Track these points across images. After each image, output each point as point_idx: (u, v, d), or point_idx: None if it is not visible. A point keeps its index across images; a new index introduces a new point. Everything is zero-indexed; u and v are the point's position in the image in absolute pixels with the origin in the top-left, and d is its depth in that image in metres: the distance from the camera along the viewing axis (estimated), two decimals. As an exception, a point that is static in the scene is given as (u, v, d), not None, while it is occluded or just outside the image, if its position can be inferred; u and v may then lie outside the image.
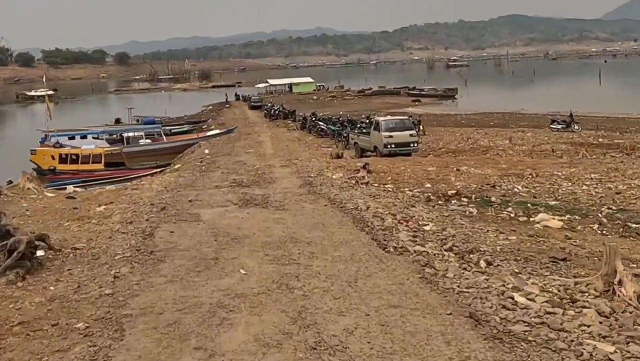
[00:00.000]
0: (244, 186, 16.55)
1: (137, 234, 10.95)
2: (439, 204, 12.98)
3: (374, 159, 23.19)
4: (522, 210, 12.18)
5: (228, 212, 12.85)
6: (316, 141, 36.21)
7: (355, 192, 13.97)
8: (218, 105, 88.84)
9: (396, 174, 18.06)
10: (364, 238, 9.82)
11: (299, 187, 15.88)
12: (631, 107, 59.22)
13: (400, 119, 29.20)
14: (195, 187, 16.88)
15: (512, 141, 30.35)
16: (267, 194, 14.94)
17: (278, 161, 23.19)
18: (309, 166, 19.98)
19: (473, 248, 8.70)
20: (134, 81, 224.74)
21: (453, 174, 17.86)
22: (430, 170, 18.76)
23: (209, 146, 36.30)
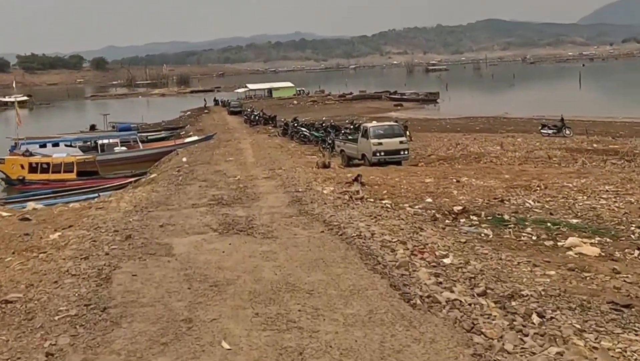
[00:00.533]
0: (224, 205, 14.78)
1: (91, 278, 8.77)
2: (448, 224, 11.48)
3: (365, 170, 21.66)
4: (544, 231, 10.78)
5: (206, 242, 10.86)
6: (299, 148, 34.73)
7: (353, 212, 12.37)
8: (197, 110, 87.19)
9: (391, 186, 16.56)
10: (379, 282, 7.84)
11: (287, 205, 14.19)
12: (615, 111, 58.74)
13: (389, 125, 27.68)
14: (169, 205, 15.10)
15: (503, 147, 29.12)
16: (251, 215, 13.19)
17: (260, 171, 21.67)
18: (295, 178, 18.38)
19: (513, 292, 7.11)
20: (111, 87, 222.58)
21: (454, 187, 16.41)
22: (428, 182, 17.31)
23: (186, 153, 34.70)
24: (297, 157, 28.27)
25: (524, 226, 11.21)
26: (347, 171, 21.22)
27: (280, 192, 16.17)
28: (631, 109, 60.59)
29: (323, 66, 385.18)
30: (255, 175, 20.13)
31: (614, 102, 74.33)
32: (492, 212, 12.70)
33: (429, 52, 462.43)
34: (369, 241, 9.72)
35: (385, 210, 12.47)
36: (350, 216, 11.94)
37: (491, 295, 7.14)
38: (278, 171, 20.66)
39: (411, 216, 12.06)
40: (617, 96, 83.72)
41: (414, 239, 9.52)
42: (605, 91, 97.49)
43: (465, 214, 12.27)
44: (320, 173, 19.63)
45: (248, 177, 19.67)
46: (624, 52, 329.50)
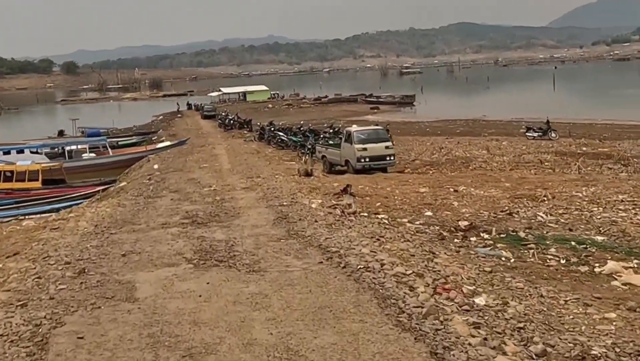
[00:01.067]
0: (199, 224, 12.86)
1: (21, 343, 6.44)
2: (459, 245, 10.18)
3: (351, 178, 20.25)
4: (571, 252, 9.50)
5: (178, 279, 8.76)
6: (277, 153, 33.22)
7: (350, 232, 10.75)
8: (169, 115, 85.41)
9: (384, 198, 15.13)
10: (413, 346, 5.81)
11: (272, 224, 12.36)
12: (592, 113, 58.44)
13: (373, 130, 26.20)
14: (136, 225, 13.18)
15: (490, 151, 28.03)
16: (232, 239, 11.26)
17: (238, 180, 20.18)
18: (277, 188, 16.81)
19: (581, 352, 5.63)
20: (82, 91, 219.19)
21: (453, 197, 15.05)
22: (424, 192, 15.95)
23: (158, 160, 33.08)
24: (276, 164, 26.80)
25: (545, 245, 9.92)
26: (332, 180, 19.71)
27: (263, 206, 14.55)
28: (608, 110, 60.38)
29: (297, 70, 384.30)
30: (233, 185, 18.60)
31: (589, 104, 74.55)
32: (503, 228, 11.40)
33: (402, 55, 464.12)
34: (380, 276, 7.94)
35: (384, 228, 11.01)
36: (348, 238, 10.35)
37: (554, 356, 5.62)
38: (257, 180, 19.14)
39: (414, 234, 10.66)
40: (591, 98, 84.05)
41: (431, 269, 7.98)
42: (579, 93, 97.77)
43: (474, 231, 10.98)
44: (304, 182, 18.09)
45: (225, 187, 18.10)
46: (594, 54, 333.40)
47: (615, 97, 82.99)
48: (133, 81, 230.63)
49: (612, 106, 67.96)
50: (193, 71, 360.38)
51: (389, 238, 9.81)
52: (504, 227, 11.49)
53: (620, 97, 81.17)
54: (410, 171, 24.13)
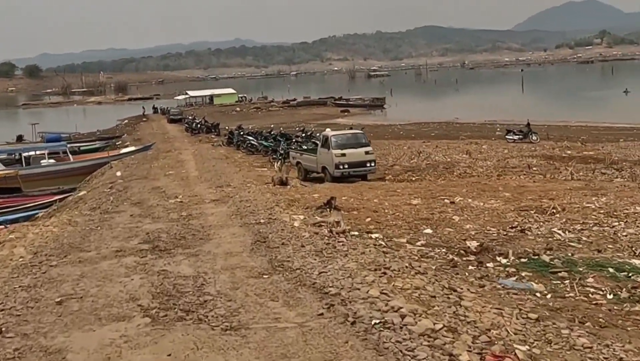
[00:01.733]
0: (162, 251, 10.66)
1: None
2: (477, 274, 8.53)
3: (332, 187, 18.57)
4: (615, 284, 7.95)
5: (128, 345, 6.47)
6: (246, 159, 31.47)
7: (348, 262, 8.83)
8: (135, 119, 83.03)
9: (373, 212, 13.46)
10: None
11: (250, 250, 10.23)
12: (564, 115, 58.06)
13: (353, 134, 24.13)
14: (84, 251, 10.98)
15: (471, 155, 26.73)
16: (201, 274, 9.10)
17: (206, 189, 18.48)
18: (251, 201, 15.02)
19: None
20: (46, 95, 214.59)
21: (451, 210, 13.47)
22: (416, 204, 14.33)
23: (121, 166, 31.17)
24: (247, 170, 25.10)
25: (579, 274, 8.41)
26: (311, 190, 17.95)
27: (236, 224, 12.57)
28: (579, 112, 60.15)
29: (264, 73, 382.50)
30: (201, 195, 16.85)
31: (559, 106, 74.66)
32: (519, 249, 9.90)
33: (369, 58, 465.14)
34: (404, 336, 5.87)
35: (384, 253, 9.32)
36: (347, 271, 8.37)
37: None
38: (227, 190, 17.39)
39: (420, 259, 9.04)
40: (560, 100, 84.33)
41: (463, 319, 6.08)
42: (547, 95, 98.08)
43: (488, 255, 9.48)
44: (280, 193, 16.29)
45: (192, 198, 16.32)
46: (559, 57, 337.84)
47: (583, 99, 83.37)
48: (98, 85, 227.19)
49: (581, 108, 68.01)
50: (159, 74, 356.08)
51: (397, 271, 8.01)
52: (519, 248, 9.95)
53: (588, 99, 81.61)
54: (392, 178, 22.48)
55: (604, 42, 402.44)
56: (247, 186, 18.19)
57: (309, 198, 15.33)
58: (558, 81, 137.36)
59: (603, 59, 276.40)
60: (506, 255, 9.44)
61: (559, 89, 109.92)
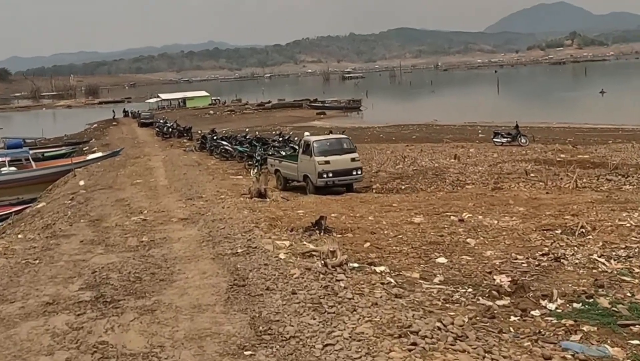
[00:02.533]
0: (106, 304, 8.21)
1: None
2: (525, 331, 6.72)
3: (320, 202, 16.67)
4: None
5: None
6: (220, 165, 29.57)
7: (360, 322, 6.67)
8: (104, 123, 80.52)
9: (371, 233, 11.55)
10: None
11: (225, 300, 7.94)
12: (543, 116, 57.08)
13: (337, 139, 22.02)
14: (5, 303, 8.57)
15: (460, 160, 25.17)
16: (154, 350, 6.66)
17: (175, 202, 16.68)
18: (226, 219, 13.11)
19: None
20: (14, 99, 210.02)
21: (462, 231, 11.58)
22: (419, 222, 12.44)
23: (86, 175, 29.19)
24: (220, 179, 23.27)
25: None
26: (294, 205, 15.99)
27: (208, 255, 10.34)
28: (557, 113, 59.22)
29: (237, 75, 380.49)
30: (168, 210, 15.00)
31: (535, 106, 73.91)
32: (563, 286, 8.09)
33: (343, 60, 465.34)
34: None
35: (398, 299, 7.37)
36: (362, 341, 6.15)
37: None
38: (199, 204, 15.56)
39: (444, 306, 7.18)
40: (536, 101, 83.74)
41: None
42: (523, 96, 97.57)
43: (526, 295, 7.69)
44: (259, 209, 14.43)
45: (158, 215, 14.43)
46: (530, 58, 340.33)
47: (560, 100, 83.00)
48: (68, 88, 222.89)
49: (559, 109, 67.36)
50: (132, 77, 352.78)
51: (429, 338, 5.92)
52: (562, 285, 8.18)
53: (565, 100, 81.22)
54: (380, 187, 20.63)
55: (574, 43, 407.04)
56: (221, 199, 16.38)
57: (292, 216, 13.41)
58: (532, 82, 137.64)
59: (574, 60, 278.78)
60: (550, 297, 7.67)
61: (534, 90, 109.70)
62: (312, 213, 12.53)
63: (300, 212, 13.94)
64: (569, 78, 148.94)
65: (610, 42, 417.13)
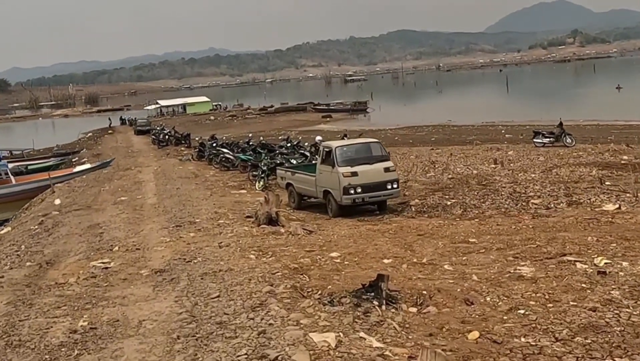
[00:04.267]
0: None
1: None
2: None
3: (357, 233, 12.46)
4: None
5: None
6: (220, 176, 25.60)
7: None
8: (100, 131, 76.86)
9: (466, 304, 6.90)
10: None
11: None
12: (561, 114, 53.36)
13: (364, 144, 17.67)
14: None
15: (503, 164, 21.28)
16: None
17: (159, 229, 12.86)
18: (222, 273, 8.92)
19: None
20: (13, 109, 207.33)
21: (623, 298, 6.81)
22: (534, 278, 7.66)
23: (66, 191, 25.39)
24: (220, 195, 19.37)
25: None
26: (322, 240, 11.56)
27: None
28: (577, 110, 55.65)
29: (239, 81, 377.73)
30: (145, 248, 11.08)
31: (552, 104, 70.62)
32: None
33: (344, 63, 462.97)
34: None
35: None
36: None
37: None
38: (188, 237, 11.66)
39: None
40: (551, 98, 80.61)
41: None
42: (535, 94, 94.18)
43: None
44: (272, 250, 10.13)
45: (129, 258, 10.42)
46: (533, 57, 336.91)
47: (575, 96, 79.91)
48: (67, 97, 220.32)
49: (578, 106, 63.86)
50: (132, 85, 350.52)
51: None
52: None
53: (581, 97, 78.13)
54: (419, 203, 16.13)
55: (576, 41, 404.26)
56: (218, 225, 12.48)
57: (325, 264, 9.07)
58: (540, 80, 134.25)
59: (579, 57, 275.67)
60: None
61: (545, 88, 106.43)
62: (353, 256, 8.55)
63: (334, 255, 9.62)
64: (577, 75, 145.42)
65: (612, 40, 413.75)
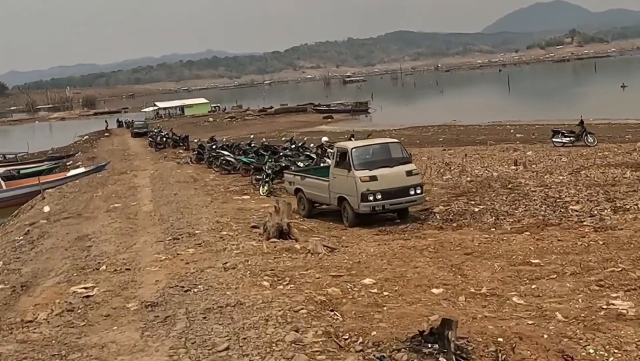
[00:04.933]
0: None
1: None
2: None
3: (396, 254, 10.66)
4: None
5: None
6: (221, 181, 24.07)
7: None
8: (96, 134, 75.40)
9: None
10: None
11: None
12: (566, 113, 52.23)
13: (383, 145, 15.83)
14: None
15: (525, 166, 19.80)
16: None
17: (154, 243, 11.39)
18: (230, 308, 7.16)
19: None
20: (10, 112, 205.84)
21: None
22: None
23: (56, 197, 23.90)
24: (221, 201, 17.88)
25: None
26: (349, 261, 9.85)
27: None
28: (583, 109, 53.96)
29: (237, 83, 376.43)
30: (136, 268, 9.55)
31: (557, 103, 70.06)
32: None
33: (342, 65, 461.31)
34: None
35: None
36: None
37: None
38: (187, 255, 10.12)
39: None
40: (554, 97, 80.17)
41: None
42: (537, 93, 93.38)
43: None
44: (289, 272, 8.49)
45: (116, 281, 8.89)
46: (532, 57, 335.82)
47: (579, 95, 78.81)
48: (64, 100, 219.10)
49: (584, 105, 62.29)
50: (130, 88, 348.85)
51: None
52: None
53: (585, 96, 76.97)
54: (444, 210, 14.64)
55: (574, 41, 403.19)
56: (221, 238, 10.96)
57: (357, 294, 7.22)
58: (541, 80, 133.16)
59: (578, 57, 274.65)
60: None
61: (547, 87, 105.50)
62: (391, 283, 6.96)
63: (368, 282, 7.75)
64: (578, 74, 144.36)
65: (610, 39, 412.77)
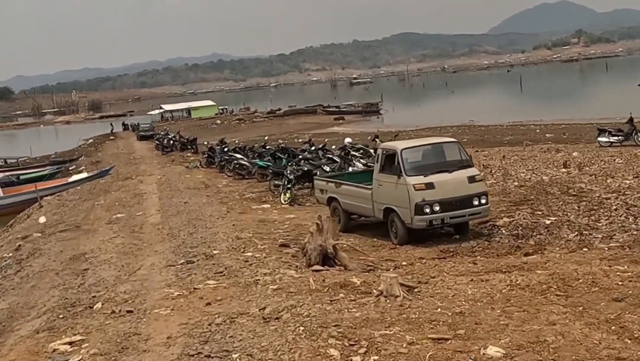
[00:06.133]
0: None
1: None
2: None
3: (504, 295, 7.70)
4: None
5: None
6: (235, 187, 21.87)
7: None
8: (101, 137, 73.61)
9: None
10: None
11: None
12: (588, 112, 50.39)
13: (436, 144, 12.95)
14: None
15: (579, 168, 17.63)
16: None
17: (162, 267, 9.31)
18: None
19: None
20: (16, 117, 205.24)
21: None
22: None
23: (54, 205, 21.77)
24: (238, 211, 15.72)
25: None
26: (440, 307, 7.07)
27: None
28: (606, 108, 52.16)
29: (243, 86, 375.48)
30: (149, 309, 7.48)
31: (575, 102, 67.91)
32: None
33: (348, 67, 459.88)
34: None
35: None
36: None
37: None
38: (205, 291, 7.88)
39: None
40: (571, 97, 78.21)
41: None
42: (551, 93, 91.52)
43: None
44: (358, 329, 6.05)
45: (120, 331, 6.81)
46: (539, 58, 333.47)
47: (597, 95, 76.38)
48: (70, 104, 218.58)
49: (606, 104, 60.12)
50: (136, 91, 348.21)
51: None
52: None
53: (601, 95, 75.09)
54: (508, 223, 12.40)
55: (581, 41, 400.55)
56: (249, 268, 8.72)
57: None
58: (552, 79, 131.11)
59: (586, 57, 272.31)
60: None
61: (560, 87, 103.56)
62: (527, 352, 4.78)
63: (493, 353, 5.20)
64: (589, 74, 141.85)
65: (617, 39, 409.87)
